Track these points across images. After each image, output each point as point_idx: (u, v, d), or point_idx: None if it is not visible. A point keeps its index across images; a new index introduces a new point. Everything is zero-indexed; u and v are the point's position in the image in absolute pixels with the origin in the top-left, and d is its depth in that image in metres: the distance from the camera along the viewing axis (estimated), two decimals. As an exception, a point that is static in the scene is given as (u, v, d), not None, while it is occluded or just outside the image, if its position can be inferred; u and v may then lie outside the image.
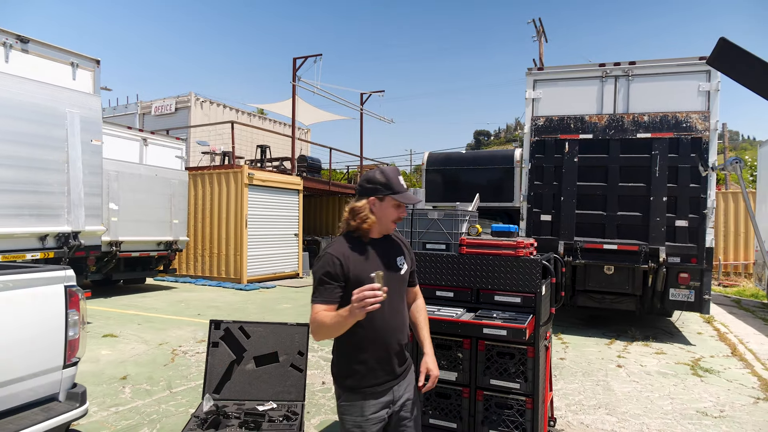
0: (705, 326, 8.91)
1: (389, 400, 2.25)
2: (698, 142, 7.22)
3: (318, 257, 2.24)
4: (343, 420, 2.25)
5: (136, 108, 20.86)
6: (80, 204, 7.93)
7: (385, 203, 2.25)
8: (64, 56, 8.13)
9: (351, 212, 2.27)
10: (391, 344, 2.25)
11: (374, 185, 2.26)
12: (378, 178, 2.27)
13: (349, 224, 2.28)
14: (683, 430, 4.32)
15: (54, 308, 2.72)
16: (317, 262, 2.20)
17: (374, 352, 2.21)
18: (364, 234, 2.26)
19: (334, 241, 2.28)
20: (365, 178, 2.32)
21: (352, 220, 2.26)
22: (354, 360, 2.21)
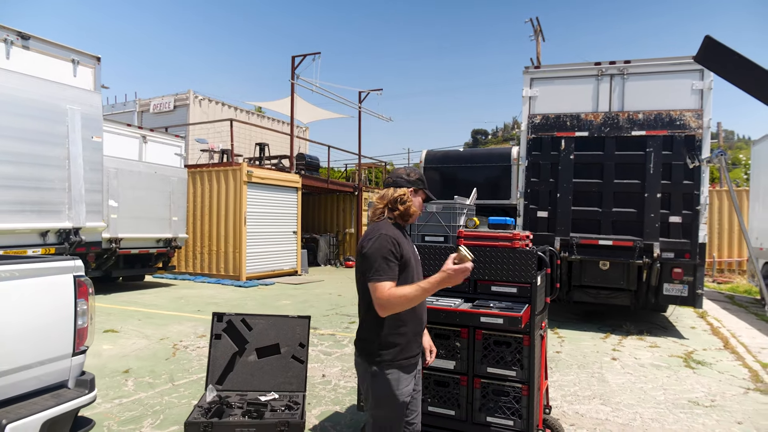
0: (698, 321, 9.04)
1: (415, 372, 2.47)
2: (692, 140, 7.34)
3: (371, 239, 2.37)
4: (378, 399, 2.36)
5: (135, 106, 20.90)
6: (81, 200, 8.00)
7: (417, 196, 2.57)
8: (65, 53, 8.19)
9: (396, 201, 2.49)
10: (424, 318, 2.53)
11: (413, 179, 2.56)
12: (413, 175, 2.59)
13: (392, 211, 2.50)
14: (675, 419, 4.43)
15: (63, 297, 2.80)
16: (372, 243, 2.34)
17: (413, 326, 2.43)
18: (407, 218, 2.53)
19: (379, 226, 2.44)
20: (402, 173, 2.59)
21: (395, 208, 2.49)
22: (395, 333, 2.37)
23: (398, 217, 2.50)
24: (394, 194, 2.50)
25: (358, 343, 2.47)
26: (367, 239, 2.38)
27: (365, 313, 2.43)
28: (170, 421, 4.21)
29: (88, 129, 8.17)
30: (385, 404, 2.36)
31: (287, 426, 3.59)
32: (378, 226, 2.43)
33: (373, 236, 2.37)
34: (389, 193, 2.52)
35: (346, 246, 20.36)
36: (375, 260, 2.29)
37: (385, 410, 2.37)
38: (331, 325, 8.26)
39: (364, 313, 2.44)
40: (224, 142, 17.43)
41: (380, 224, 2.45)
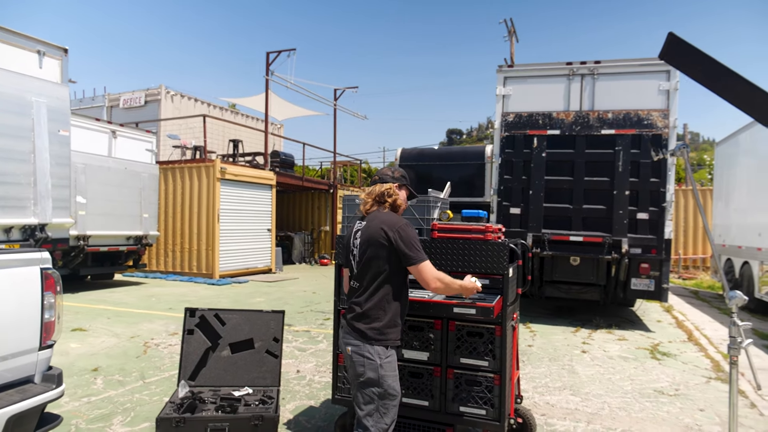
0: (664, 315, 9.31)
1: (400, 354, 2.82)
2: (658, 139, 7.55)
3: (401, 224, 2.62)
4: (385, 378, 2.58)
5: (104, 100, 20.41)
6: (47, 196, 7.78)
7: (402, 192, 2.83)
8: (30, 44, 7.95)
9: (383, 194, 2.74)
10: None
11: (398, 176, 2.83)
12: (398, 172, 2.87)
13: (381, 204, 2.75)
14: (641, 408, 4.56)
15: (30, 290, 2.74)
16: (406, 227, 2.62)
17: (406, 310, 2.79)
18: (397, 209, 2.80)
19: (392, 214, 2.72)
20: (388, 170, 2.87)
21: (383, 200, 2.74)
22: (398, 316, 2.69)
23: (388, 209, 2.74)
24: (381, 188, 2.74)
25: (364, 327, 2.63)
26: (399, 226, 2.60)
27: (376, 295, 2.62)
28: (141, 418, 4.14)
29: (54, 122, 7.95)
30: (391, 382, 2.59)
31: (261, 420, 3.58)
32: (391, 215, 2.69)
33: (401, 222, 2.63)
34: (376, 188, 2.76)
35: (321, 244, 20.29)
36: (414, 243, 2.59)
37: (391, 387, 2.59)
38: (305, 321, 8.23)
39: (374, 295, 2.63)
40: (197, 139, 17.18)
41: (390, 213, 2.71)
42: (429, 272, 2.58)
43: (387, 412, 2.60)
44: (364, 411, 2.61)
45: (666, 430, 4.09)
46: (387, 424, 2.61)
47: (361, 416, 2.61)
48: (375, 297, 2.61)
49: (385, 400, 2.60)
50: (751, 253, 9.47)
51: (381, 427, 2.60)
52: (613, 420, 4.27)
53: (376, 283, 2.62)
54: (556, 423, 4.17)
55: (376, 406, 2.59)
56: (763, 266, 8.94)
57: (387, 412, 2.60)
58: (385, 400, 2.60)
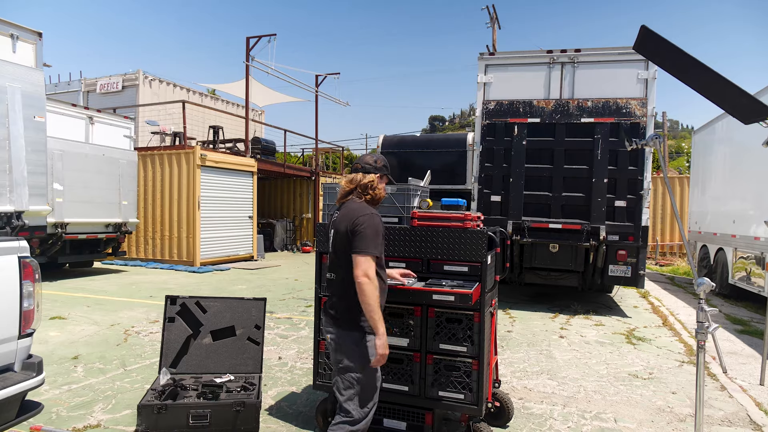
0: (641, 301, 9.53)
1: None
2: (636, 127, 7.68)
3: (365, 215, 2.60)
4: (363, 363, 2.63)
5: (80, 85, 19.95)
6: (23, 183, 7.64)
7: (382, 181, 2.84)
8: (3, 28, 7.73)
9: (367, 186, 2.74)
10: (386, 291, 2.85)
11: (380, 166, 2.82)
12: (379, 162, 2.85)
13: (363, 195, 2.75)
14: (616, 391, 4.70)
15: (7, 279, 2.71)
16: (367, 219, 2.57)
17: (382, 298, 2.77)
18: (377, 201, 2.83)
19: (364, 206, 2.70)
20: (370, 159, 2.84)
21: (365, 192, 2.75)
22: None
23: (369, 201, 2.77)
24: (364, 180, 2.75)
25: (341, 313, 2.69)
26: (360, 215, 2.59)
27: (349, 284, 2.62)
28: (123, 405, 4.15)
29: (29, 108, 7.77)
30: (368, 367, 2.61)
31: (243, 406, 3.61)
32: (363, 206, 2.68)
33: (365, 213, 2.61)
34: (358, 177, 2.76)
35: (303, 231, 20.25)
36: (368, 236, 2.55)
37: (369, 373, 2.64)
38: (287, 309, 8.25)
39: (347, 284, 2.64)
40: (176, 125, 16.94)
41: (363, 204, 2.70)
42: (362, 266, 2.51)
43: (367, 396, 2.66)
44: (345, 396, 2.66)
45: (639, 412, 4.23)
46: (369, 407, 2.67)
47: (342, 401, 2.66)
48: (348, 286, 2.63)
49: (365, 384, 2.65)
50: (726, 239, 9.72)
51: (363, 411, 2.66)
52: (589, 403, 4.39)
53: (348, 272, 2.62)
54: (533, 406, 4.28)
55: (356, 390, 2.65)
56: (736, 253, 9.19)
57: (367, 396, 2.66)
58: (364, 385, 2.65)
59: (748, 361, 5.81)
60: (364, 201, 2.75)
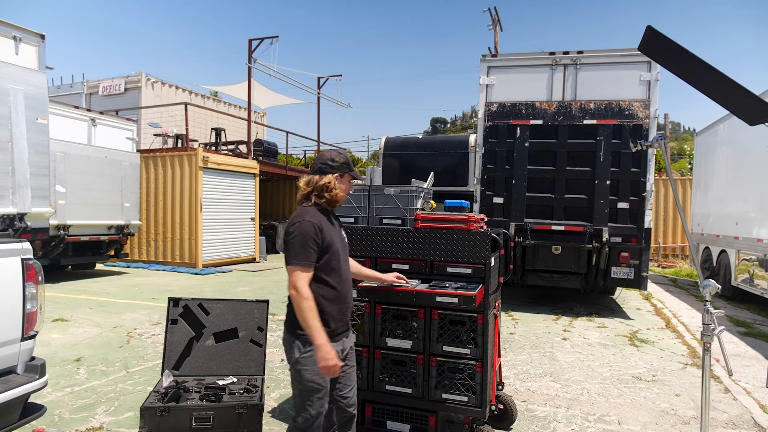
0: (643, 303, 9.51)
1: (340, 348, 2.60)
2: (639, 129, 7.67)
3: (295, 224, 2.47)
4: (301, 373, 2.47)
5: (83, 87, 19.97)
6: (26, 185, 7.64)
7: (344, 180, 2.64)
8: (5, 30, 7.75)
9: (323, 188, 2.58)
10: (348, 298, 2.67)
11: (338, 164, 2.62)
12: (339, 159, 2.65)
13: (319, 198, 2.59)
14: (619, 393, 4.68)
15: (11, 281, 2.71)
16: (296, 228, 2.45)
17: (338, 305, 2.58)
18: (333, 204, 2.64)
19: (305, 211, 2.53)
20: (328, 158, 2.65)
21: (321, 195, 2.58)
22: (322, 312, 2.48)
23: (325, 204, 2.61)
24: (320, 182, 2.58)
25: (286, 321, 2.61)
26: (291, 224, 2.49)
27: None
28: (125, 408, 4.14)
29: (32, 110, 7.78)
30: (309, 375, 2.46)
31: (246, 408, 3.60)
32: (303, 212, 2.53)
33: (297, 221, 2.48)
34: (314, 179, 2.60)
35: (306, 233, 20.19)
36: (296, 245, 2.43)
37: (309, 381, 2.46)
38: (290, 311, 8.23)
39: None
40: (178, 127, 16.95)
41: (305, 210, 2.55)
42: (290, 278, 2.42)
43: (311, 404, 2.51)
44: (294, 398, 2.59)
45: (643, 414, 4.21)
46: (312, 415, 2.51)
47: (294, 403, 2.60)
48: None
49: (305, 394, 2.51)
50: (728, 241, 9.70)
51: (304, 419, 2.52)
52: (592, 405, 4.37)
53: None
54: (536, 409, 4.26)
55: (300, 399, 2.53)
56: (739, 255, 9.17)
57: (312, 404, 2.50)
58: (305, 395, 2.51)
59: (752, 363, 5.78)
60: (322, 204, 2.60)
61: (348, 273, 2.71)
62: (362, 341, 3.58)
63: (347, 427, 2.74)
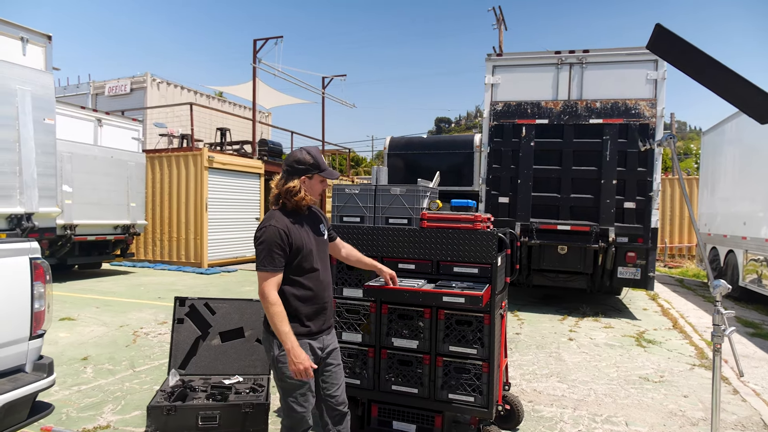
0: (650, 303, 9.46)
1: (320, 347, 2.61)
2: (646, 128, 7.62)
3: (261, 229, 2.48)
4: (282, 370, 2.48)
5: (89, 88, 20.08)
6: (33, 185, 7.69)
7: (314, 180, 2.60)
8: (13, 31, 7.79)
9: (288, 193, 2.54)
10: (325, 298, 2.64)
11: (305, 166, 2.56)
12: (307, 159, 2.58)
13: (285, 203, 2.56)
14: (626, 394, 4.66)
15: (19, 280, 2.72)
16: (263, 233, 2.46)
17: (313, 305, 2.57)
18: (300, 208, 2.59)
19: (272, 215, 2.53)
20: (294, 159, 2.59)
21: (289, 200, 2.54)
22: (295, 312, 2.51)
23: (292, 207, 2.57)
24: (284, 186, 2.55)
25: (264, 320, 2.58)
26: (258, 229, 2.50)
27: None
28: (132, 406, 4.15)
29: (39, 111, 7.82)
30: (290, 374, 2.45)
31: (252, 408, 3.60)
32: (269, 216, 2.52)
33: (263, 226, 2.48)
34: (280, 183, 2.58)
35: (311, 233, 20.21)
36: (262, 251, 2.43)
37: (291, 380, 2.47)
38: (295, 310, 8.23)
39: None
40: (184, 127, 16.99)
41: (273, 214, 2.54)
42: (261, 284, 2.42)
43: (296, 401, 2.52)
44: (281, 404, 2.60)
45: (651, 415, 4.18)
46: (298, 413, 2.53)
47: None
48: None
49: (288, 391, 2.52)
50: (736, 241, 9.63)
51: (290, 419, 2.55)
52: (599, 406, 4.35)
53: None
54: (543, 409, 4.25)
55: (284, 398, 2.55)
56: (747, 255, 9.10)
57: (295, 401, 2.52)
58: (288, 392, 2.52)
59: (761, 364, 5.74)
60: (289, 207, 2.57)
61: (326, 272, 2.67)
62: (368, 341, 3.57)
63: (340, 422, 2.72)
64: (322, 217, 2.81)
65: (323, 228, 2.75)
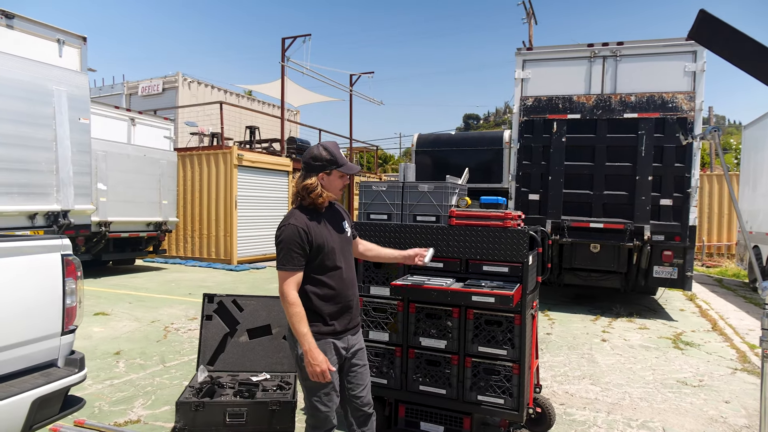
0: (687, 303, 9.14)
1: (344, 346, 2.57)
2: (683, 122, 7.34)
3: (281, 228, 2.45)
4: (304, 369, 2.44)
5: (123, 88, 20.59)
6: (69, 183, 7.89)
7: (332, 176, 2.53)
8: (50, 33, 8.00)
9: (304, 190, 2.50)
10: (349, 296, 2.58)
11: (322, 162, 2.51)
12: (324, 155, 2.51)
13: (303, 200, 2.53)
14: (663, 398, 4.48)
15: (51, 276, 2.76)
16: (282, 232, 2.44)
17: (336, 304, 2.52)
18: (318, 206, 2.53)
19: (291, 213, 2.51)
20: (310, 156, 2.54)
21: (307, 197, 2.50)
22: (318, 311, 2.48)
23: (310, 205, 2.53)
24: (302, 184, 2.52)
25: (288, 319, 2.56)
26: (278, 228, 2.48)
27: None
28: (162, 402, 4.20)
29: (74, 110, 8.03)
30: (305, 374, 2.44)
31: (279, 405, 3.60)
32: (289, 215, 2.50)
33: (282, 225, 2.46)
34: (299, 181, 2.55)
35: (338, 230, 20.28)
36: (281, 250, 2.42)
37: (312, 381, 2.44)
38: (323, 307, 8.25)
39: None
40: (214, 126, 17.26)
41: (292, 212, 2.51)
42: (280, 284, 2.41)
43: (319, 401, 2.48)
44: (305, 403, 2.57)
45: (689, 421, 4.02)
46: (322, 413, 2.49)
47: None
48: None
49: (312, 390, 2.49)
50: (779, 240, 9.22)
51: (315, 419, 2.51)
52: (635, 410, 4.20)
53: None
54: (575, 413, 4.13)
55: (308, 397, 2.51)
56: (790, 254, 8.70)
57: (319, 400, 2.48)
58: (312, 392, 2.49)
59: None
60: (308, 205, 2.53)
61: (350, 270, 2.61)
62: (396, 340, 3.52)
63: (365, 424, 2.67)
64: (345, 213, 2.75)
65: (346, 225, 2.68)
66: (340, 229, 2.61)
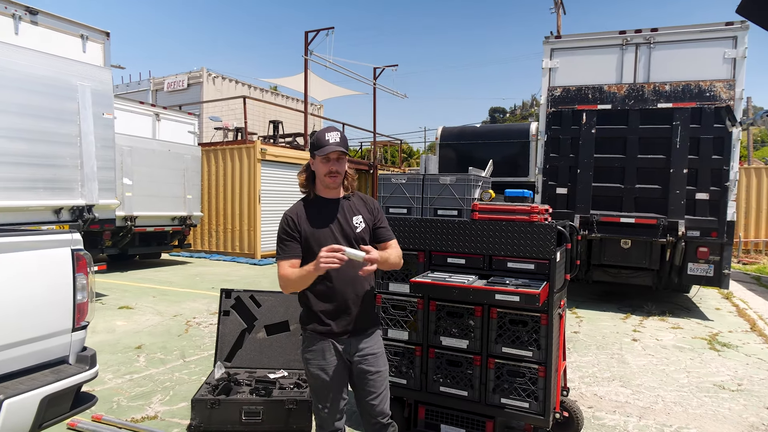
0: (723, 302, 8.75)
1: (345, 349, 2.41)
2: (729, 109, 6.96)
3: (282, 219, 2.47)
4: (308, 365, 2.41)
5: (149, 84, 20.84)
6: (93, 177, 7.95)
7: (316, 161, 2.41)
8: (73, 28, 8.06)
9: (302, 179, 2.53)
10: (347, 295, 2.39)
11: (311, 150, 2.46)
12: (311, 142, 2.53)
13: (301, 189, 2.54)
14: (699, 403, 4.24)
15: (62, 271, 2.71)
16: (281, 222, 2.45)
17: (331, 302, 2.39)
18: (314, 194, 2.48)
19: (294, 204, 2.52)
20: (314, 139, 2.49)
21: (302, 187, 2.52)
22: (313, 309, 2.40)
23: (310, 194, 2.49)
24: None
25: (300, 314, 2.55)
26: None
27: None
28: (179, 398, 4.16)
29: (98, 105, 8.07)
30: (312, 372, 2.41)
31: (295, 404, 3.51)
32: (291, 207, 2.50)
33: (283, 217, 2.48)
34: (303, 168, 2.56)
35: (362, 225, 20.21)
36: (277, 241, 2.44)
37: (313, 378, 2.42)
38: (344, 303, 8.17)
39: None
40: (238, 120, 17.31)
41: (295, 203, 2.52)
42: (278, 273, 2.38)
43: (319, 400, 2.43)
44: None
45: (728, 428, 3.78)
46: (323, 412, 2.42)
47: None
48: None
49: (313, 390, 2.47)
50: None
51: (319, 419, 2.47)
52: (668, 415, 3.98)
53: None
54: (604, 417, 3.93)
55: (312, 397, 2.51)
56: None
57: (318, 399, 2.44)
58: (312, 393, 2.49)
59: None
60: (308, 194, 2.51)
61: (348, 264, 2.22)
62: (415, 339, 3.39)
63: None
64: (366, 209, 2.50)
65: (358, 221, 2.44)
66: (345, 224, 2.42)
